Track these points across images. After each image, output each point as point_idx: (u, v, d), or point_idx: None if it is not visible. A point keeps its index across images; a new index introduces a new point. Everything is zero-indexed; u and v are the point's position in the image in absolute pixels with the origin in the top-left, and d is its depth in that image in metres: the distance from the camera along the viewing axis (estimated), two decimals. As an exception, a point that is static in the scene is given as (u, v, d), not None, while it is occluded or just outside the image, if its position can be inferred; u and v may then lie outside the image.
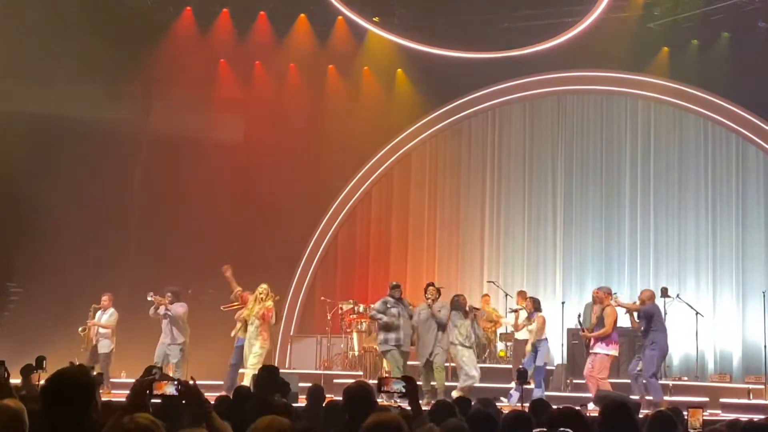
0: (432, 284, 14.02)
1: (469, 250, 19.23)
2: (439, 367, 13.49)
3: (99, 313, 15.23)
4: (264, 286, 14.22)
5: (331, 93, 19.45)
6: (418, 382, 12.17)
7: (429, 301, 13.64)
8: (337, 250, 19.78)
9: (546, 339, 14.50)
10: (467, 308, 13.82)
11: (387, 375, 11.67)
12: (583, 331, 13.75)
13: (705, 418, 11.78)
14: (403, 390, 5.47)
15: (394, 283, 14.16)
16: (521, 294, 15.78)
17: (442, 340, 13.49)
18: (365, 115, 19.15)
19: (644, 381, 13.24)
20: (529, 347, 14.28)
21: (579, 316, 14.33)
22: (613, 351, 13.23)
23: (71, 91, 17.48)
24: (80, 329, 15.16)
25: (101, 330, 15.08)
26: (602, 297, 13.56)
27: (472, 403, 7.49)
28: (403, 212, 19.77)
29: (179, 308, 14.66)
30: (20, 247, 16.92)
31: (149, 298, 14.68)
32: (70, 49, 16.55)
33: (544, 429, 5.33)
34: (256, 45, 19.03)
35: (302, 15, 18.75)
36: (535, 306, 14.52)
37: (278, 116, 19.14)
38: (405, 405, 6.20)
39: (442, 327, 13.45)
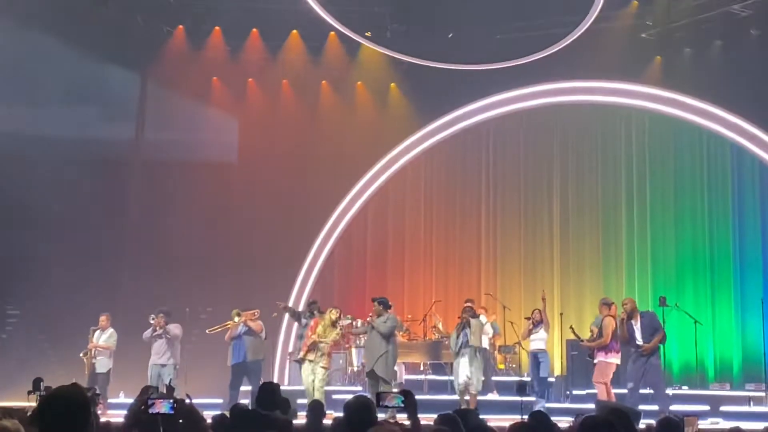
0: (375, 299, 13.87)
1: (466, 263, 19.21)
2: (384, 378, 13.30)
3: (98, 333, 15.17)
4: (336, 311, 14.14)
5: (324, 109, 19.46)
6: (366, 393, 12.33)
7: (369, 317, 13.75)
8: (334, 266, 19.73)
9: (546, 351, 14.94)
10: (461, 317, 13.92)
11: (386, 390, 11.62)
12: (582, 342, 14.02)
13: (707, 427, 11.78)
14: (402, 404, 5.42)
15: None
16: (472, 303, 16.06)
17: (387, 351, 13.32)
18: (359, 131, 19.15)
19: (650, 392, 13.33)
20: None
21: (571, 327, 14.55)
22: (613, 359, 13.40)
23: (64, 112, 17.49)
24: (82, 354, 15.08)
25: (100, 350, 15.04)
26: (600, 308, 13.86)
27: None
28: (399, 226, 19.74)
29: (176, 329, 14.68)
30: (17, 269, 16.86)
31: (151, 321, 14.64)
32: (63, 69, 16.57)
33: None
34: (249, 62, 19.06)
35: (294, 31, 18.78)
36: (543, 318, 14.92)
37: (272, 133, 19.11)
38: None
39: (385, 338, 13.31)
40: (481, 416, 7.51)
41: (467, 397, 13.52)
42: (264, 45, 18.96)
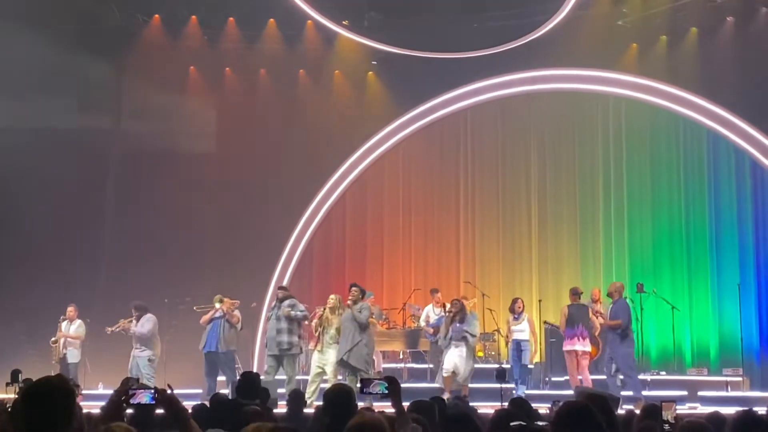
0: (354, 285, 13.88)
1: (444, 251, 19.23)
2: (359, 368, 13.36)
3: (65, 324, 15.20)
4: (334, 297, 13.96)
5: (302, 97, 19.39)
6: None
7: (349, 302, 13.56)
8: (312, 255, 19.69)
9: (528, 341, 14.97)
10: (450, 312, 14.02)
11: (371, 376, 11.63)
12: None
13: (684, 412, 11.86)
14: (386, 391, 5.41)
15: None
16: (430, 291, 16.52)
17: (361, 340, 13.35)
18: (337, 119, 19.11)
19: (622, 378, 13.51)
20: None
21: (545, 321, 14.99)
22: (568, 347, 13.86)
23: (41, 103, 17.34)
24: (52, 340, 15.10)
25: (69, 340, 15.03)
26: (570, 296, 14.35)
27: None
28: (377, 215, 19.73)
29: (145, 325, 14.55)
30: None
31: (108, 332, 14.68)
32: (39, 60, 16.42)
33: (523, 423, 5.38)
34: (226, 51, 18.99)
35: (271, 20, 18.71)
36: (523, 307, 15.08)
37: (250, 122, 19.05)
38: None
39: (361, 327, 13.33)
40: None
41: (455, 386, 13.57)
42: (241, 34, 18.88)
